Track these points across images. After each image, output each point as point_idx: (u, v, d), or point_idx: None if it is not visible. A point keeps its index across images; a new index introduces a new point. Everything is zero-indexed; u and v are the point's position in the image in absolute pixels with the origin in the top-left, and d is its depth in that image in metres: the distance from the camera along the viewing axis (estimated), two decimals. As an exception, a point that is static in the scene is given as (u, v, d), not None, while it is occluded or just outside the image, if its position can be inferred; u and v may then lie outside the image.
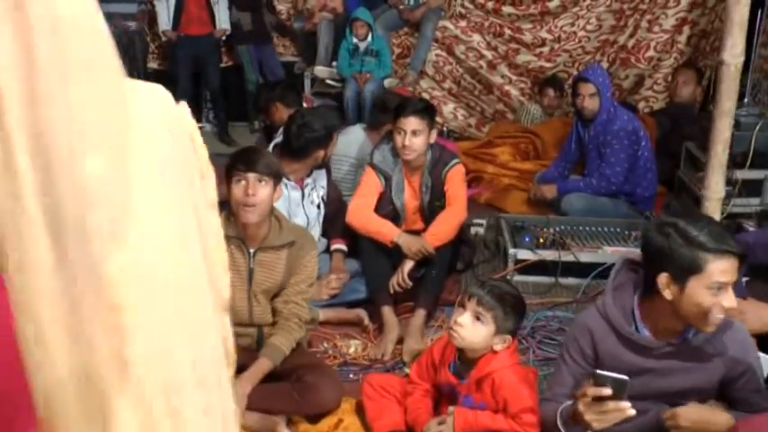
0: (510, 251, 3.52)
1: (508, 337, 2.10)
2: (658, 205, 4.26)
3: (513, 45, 5.69)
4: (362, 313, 3.09)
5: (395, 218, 3.29)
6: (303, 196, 3.31)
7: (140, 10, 5.89)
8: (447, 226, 3.16)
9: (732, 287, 1.78)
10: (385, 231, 3.14)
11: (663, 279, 1.80)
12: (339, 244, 3.39)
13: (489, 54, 5.72)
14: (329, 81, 5.82)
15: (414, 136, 3.13)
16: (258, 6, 6.05)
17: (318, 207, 3.39)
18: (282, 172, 2.61)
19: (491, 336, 2.07)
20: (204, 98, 6.16)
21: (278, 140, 3.50)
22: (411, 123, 3.12)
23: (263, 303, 2.50)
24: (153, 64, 6.35)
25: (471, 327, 2.06)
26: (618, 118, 3.99)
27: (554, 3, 5.55)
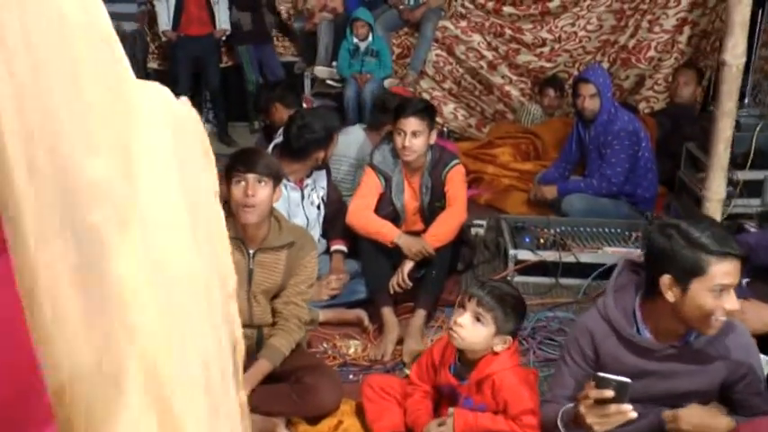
0: (510, 252, 3.51)
1: (508, 338, 2.09)
2: (659, 206, 4.26)
3: (514, 45, 5.68)
4: (362, 314, 3.08)
5: (395, 219, 3.28)
6: (303, 197, 3.31)
7: (140, 10, 5.88)
8: (447, 227, 3.15)
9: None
10: (385, 232, 3.13)
11: (665, 281, 1.79)
12: (339, 245, 3.38)
13: (489, 54, 5.71)
14: (329, 81, 5.82)
15: (414, 137, 3.12)
16: (258, 6, 6.05)
17: (318, 208, 3.38)
18: (282, 173, 2.60)
19: (491, 336, 2.07)
20: (204, 98, 6.15)
21: (278, 141, 3.49)
22: (411, 124, 3.11)
23: (263, 304, 2.50)
24: (153, 64, 6.34)
25: (471, 327, 2.05)
26: (618, 118, 3.99)
27: (554, 3, 5.55)
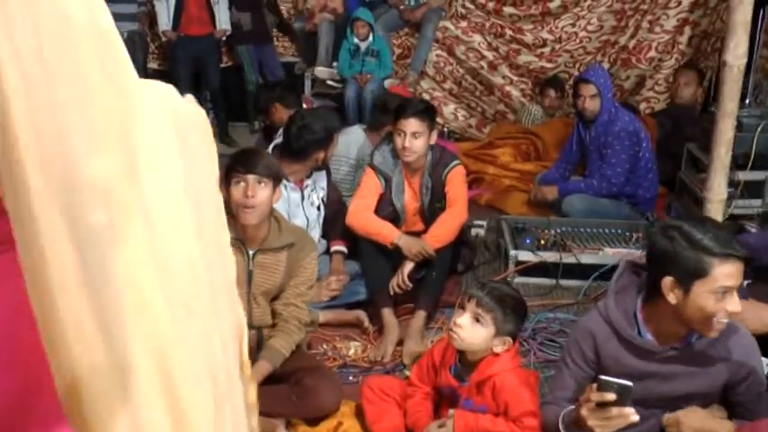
0: (511, 253, 3.51)
1: (508, 339, 2.08)
2: (659, 206, 4.26)
3: (514, 45, 5.68)
4: (362, 315, 3.08)
5: (395, 219, 3.28)
6: (303, 198, 3.30)
7: (140, 10, 5.88)
8: (447, 227, 3.14)
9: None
10: (385, 233, 3.12)
11: (667, 283, 1.78)
12: (339, 245, 3.38)
13: (490, 54, 5.71)
14: (329, 82, 5.81)
15: (414, 138, 3.11)
16: (258, 6, 6.05)
17: (318, 208, 3.37)
18: (282, 173, 2.60)
19: (491, 337, 2.06)
20: (204, 98, 6.15)
21: (278, 141, 3.49)
22: (411, 125, 3.10)
23: (263, 305, 2.49)
24: (153, 64, 6.35)
25: (470, 328, 2.05)
26: (619, 119, 3.99)
27: (555, 3, 5.54)
